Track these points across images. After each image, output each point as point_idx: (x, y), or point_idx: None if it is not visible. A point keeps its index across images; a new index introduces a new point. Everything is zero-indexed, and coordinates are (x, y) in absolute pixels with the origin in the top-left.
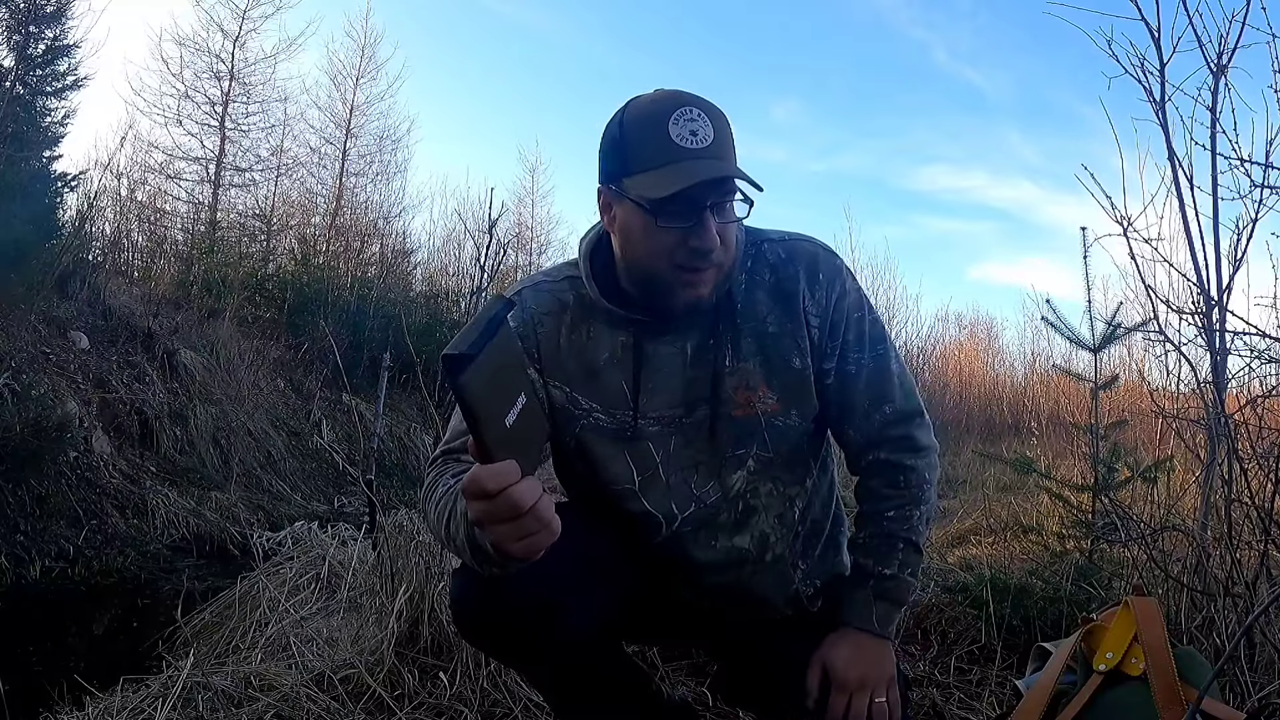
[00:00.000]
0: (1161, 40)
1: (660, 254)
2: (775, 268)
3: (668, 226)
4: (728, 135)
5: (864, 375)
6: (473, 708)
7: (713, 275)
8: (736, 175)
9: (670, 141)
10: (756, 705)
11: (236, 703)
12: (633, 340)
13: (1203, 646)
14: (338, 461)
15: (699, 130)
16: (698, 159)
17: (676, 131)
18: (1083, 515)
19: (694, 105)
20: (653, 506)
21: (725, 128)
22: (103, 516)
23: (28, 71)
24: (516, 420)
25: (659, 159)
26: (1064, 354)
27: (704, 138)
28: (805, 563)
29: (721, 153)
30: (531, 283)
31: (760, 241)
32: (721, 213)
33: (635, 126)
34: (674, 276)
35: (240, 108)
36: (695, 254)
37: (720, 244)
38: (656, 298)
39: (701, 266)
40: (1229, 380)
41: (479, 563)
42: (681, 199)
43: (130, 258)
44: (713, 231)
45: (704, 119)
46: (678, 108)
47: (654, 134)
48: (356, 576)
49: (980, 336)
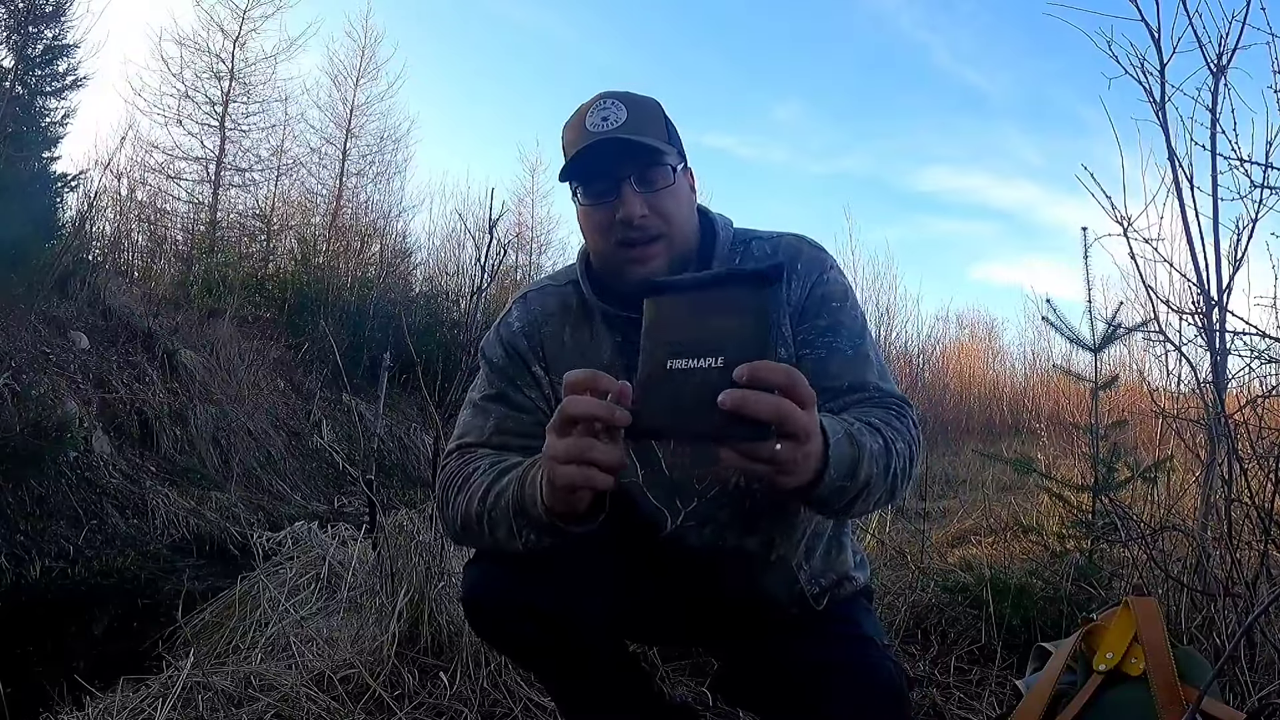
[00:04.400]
0: (1161, 41)
1: (601, 235)
2: (760, 262)
3: (589, 204)
4: (647, 117)
5: (837, 360)
6: (473, 708)
7: (661, 249)
8: (623, 136)
9: (585, 130)
10: (757, 705)
11: (236, 703)
12: (624, 339)
13: (1203, 646)
14: (338, 461)
15: (610, 115)
16: (604, 137)
17: (590, 120)
18: (1083, 515)
19: (612, 97)
20: (657, 500)
21: (645, 111)
22: (103, 516)
23: (27, 71)
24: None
25: (574, 148)
26: (1064, 354)
27: (615, 120)
28: (810, 563)
29: (635, 131)
30: (538, 286)
31: (749, 240)
32: (645, 184)
33: (566, 129)
34: (619, 255)
35: (240, 108)
36: (626, 226)
37: (652, 215)
38: (618, 282)
39: (637, 240)
40: (1229, 380)
41: (520, 529)
42: (600, 177)
43: (130, 258)
44: (634, 202)
45: (617, 105)
46: (596, 102)
47: (576, 129)
48: (356, 576)
49: (980, 336)
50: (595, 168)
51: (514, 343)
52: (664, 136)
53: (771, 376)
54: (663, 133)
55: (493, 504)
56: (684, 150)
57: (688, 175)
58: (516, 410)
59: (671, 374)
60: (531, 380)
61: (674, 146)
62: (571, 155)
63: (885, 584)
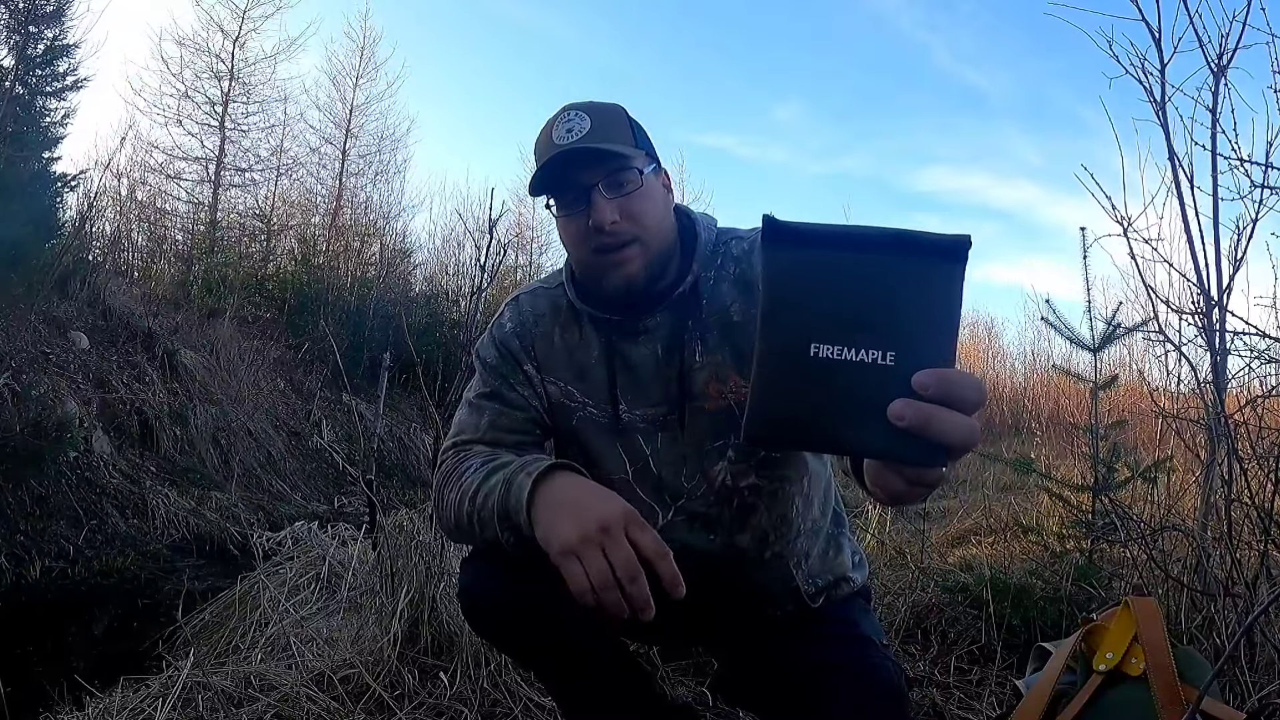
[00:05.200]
0: (1162, 41)
1: (578, 243)
2: (739, 259)
3: (564, 215)
4: (610, 123)
5: None
6: (473, 708)
7: (637, 253)
8: (587, 145)
9: (551, 143)
10: (756, 705)
11: (236, 703)
12: (607, 342)
13: (1203, 646)
14: (338, 461)
15: (574, 126)
16: (567, 148)
17: (556, 133)
18: (1083, 515)
19: (576, 109)
20: (646, 496)
21: (608, 118)
22: (103, 516)
23: (28, 72)
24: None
25: (542, 161)
26: (1064, 354)
27: (579, 130)
28: (806, 562)
29: (599, 139)
30: (530, 288)
31: (729, 239)
32: (614, 189)
33: (536, 144)
34: (597, 262)
35: (240, 108)
36: (598, 233)
37: (624, 219)
38: (598, 287)
39: (610, 245)
40: (1229, 380)
41: (503, 531)
42: (568, 187)
43: (130, 258)
44: (604, 209)
45: (581, 116)
46: (560, 115)
47: (543, 144)
48: (356, 576)
49: (980, 336)
50: (563, 179)
51: (507, 343)
52: (630, 141)
53: (964, 392)
54: (628, 137)
55: (481, 504)
56: (655, 152)
57: (660, 176)
58: (510, 408)
59: (814, 363)
60: (524, 379)
61: (642, 150)
62: (537, 169)
63: (885, 584)
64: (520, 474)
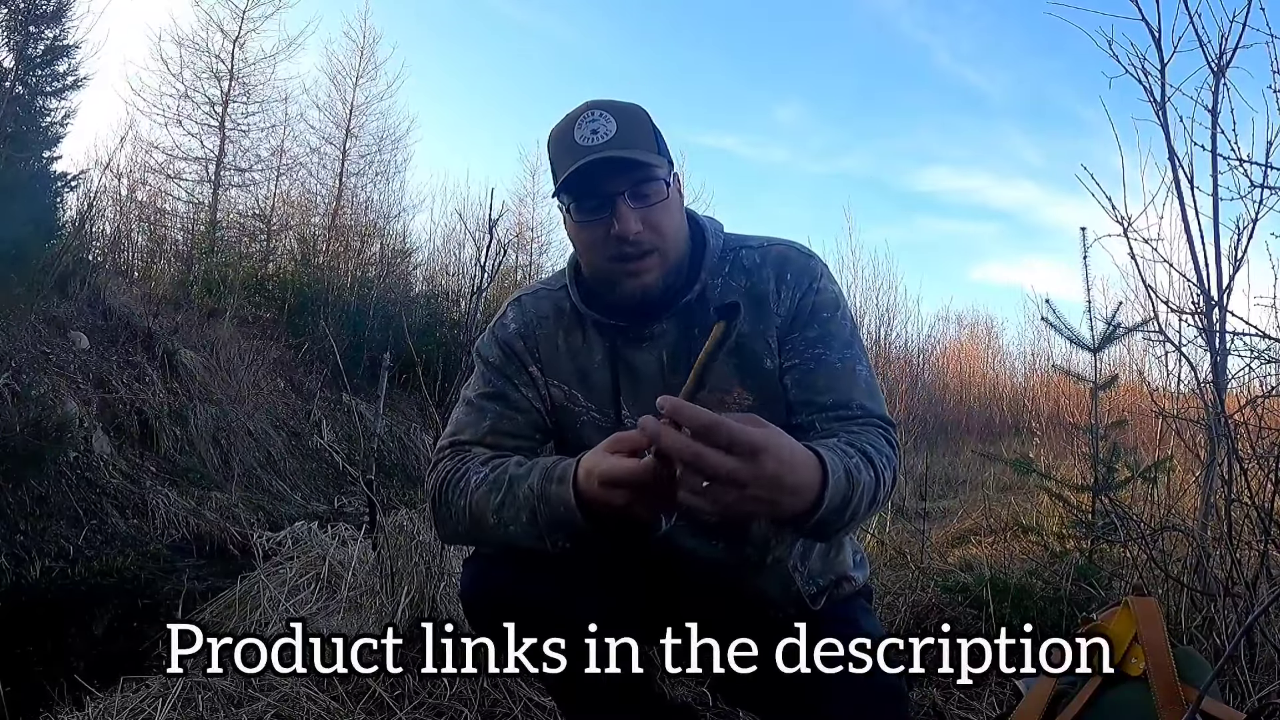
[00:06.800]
0: (1162, 40)
1: (595, 250)
2: (749, 272)
3: (585, 221)
4: (636, 128)
5: (825, 373)
6: (473, 708)
7: (655, 263)
8: (617, 154)
9: (574, 144)
10: (756, 705)
11: (236, 703)
12: (611, 347)
13: (1203, 646)
14: (338, 461)
15: (599, 128)
16: (594, 152)
17: (579, 134)
18: (1083, 515)
19: (599, 108)
20: None
21: (634, 123)
22: (103, 516)
23: (28, 72)
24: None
25: (565, 163)
26: (1064, 354)
27: (604, 134)
28: (806, 564)
29: (625, 144)
30: (532, 290)
31: (739, 248)
32: (639, 199)
33: (553, 142)
34: (613, 270)
35: (240, 108)
36: (620, 242)
37: (646, 229)
38: (611, 294)
39: (631, 255)
40: (1229, 380)
41: (549, 531)
42: (592, 194)
43: (130, 258)
44: (629, 219)
45: (605, 117)
46: (583, 113)
47: (564, 142)
48: (356, 576)
49: (980, 336)
50: (587, 184)
51: (510, 343)
52: (653, 147)
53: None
54: (652, 143)
55: (512, 517)
56: (671, 157)
57: (676, 183)
58: (513, 409)
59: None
60: (528, 380)
61: (663, 156)
62: (564, 174)
63: (885, 584)
64: (551, 485)
